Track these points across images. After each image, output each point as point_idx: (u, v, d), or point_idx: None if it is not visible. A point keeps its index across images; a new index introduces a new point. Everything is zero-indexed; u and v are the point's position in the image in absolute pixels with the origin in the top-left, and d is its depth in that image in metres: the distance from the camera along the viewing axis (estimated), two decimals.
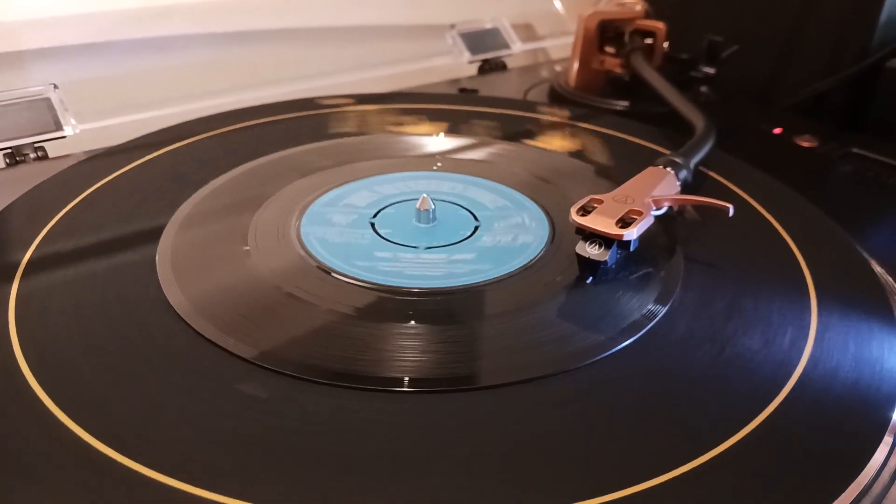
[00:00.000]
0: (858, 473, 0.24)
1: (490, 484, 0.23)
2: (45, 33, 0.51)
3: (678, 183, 0.37)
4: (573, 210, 0.33)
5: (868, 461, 0.24)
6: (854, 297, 0.32)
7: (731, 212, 0.34)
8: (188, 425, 0.25)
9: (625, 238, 0.31)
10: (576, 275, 0.33)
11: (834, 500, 0.23)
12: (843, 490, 0.23)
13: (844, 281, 0.34)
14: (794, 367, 0.28)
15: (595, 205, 0.33)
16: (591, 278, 0.33)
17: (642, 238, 0.33)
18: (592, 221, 0.32)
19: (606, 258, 0.32)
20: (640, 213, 0.33)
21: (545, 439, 0.25)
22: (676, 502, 0.22)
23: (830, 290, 0.33)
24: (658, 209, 0.34)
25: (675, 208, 0.36)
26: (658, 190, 0.35)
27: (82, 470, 0.23)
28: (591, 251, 0.32)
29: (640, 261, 0.34)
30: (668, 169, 0.37)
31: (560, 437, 0.25)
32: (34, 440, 0.24)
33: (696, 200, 0.35)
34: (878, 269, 0.35)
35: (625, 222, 0.32)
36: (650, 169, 0.38)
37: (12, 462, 0.23)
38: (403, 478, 0.23)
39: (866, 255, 0.36)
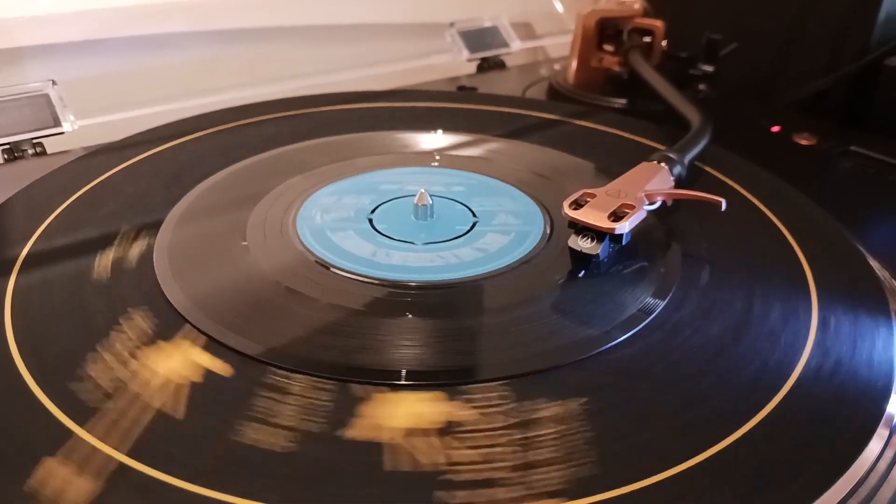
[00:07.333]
0: (852, 464, 0.24)
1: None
2: (43, 30, 0.52)
3: (672, 178, 0.37)
4: (565, 204, 0.33)
5: (861, 452, 0.24)
6: (852, 290, 0.32)
7: (724, 206, 0.34)
8: (187, 419, 0.25)
9: (616, 232, 0.31)
10: (572, 270, 0.33)
11: (828, 488, 0.23)
12: (837, 479, 0.23)
13: (843, 275, 0.34)
14: (795, 361, 0.28)
15: (588, 199, 0.33)
16: (583, 272, 0.33)
17: (640, 233, 0.33)
18: (584, 215, 0.32)
19: (598, 252, 0.32)
20: (632, 207, 0.33)
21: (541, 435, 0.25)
22: (671, 498, 0.22)
23: (829, 284, 0.32)
24: (651, 203, 0.34)
25: (669, 203, 0.36)
26: (651, 184, 0.35)
27: (77, 466, 0.23)
28: (583, 245, 0.32)
29: (637, 256, 0.34)
30: (662, 164, 0.37)
31: (557, 432, 0.25)
32: (29, 435, 0.24)
33: (688, 195, 0.35)
34: (874, 263, 0.35)
35: (617, 216, 0.32)
36: (644, 164, 0.38)
37: (5, 457, 0.23)
38: (403, 472, 0.23)
39: (861, 248, 0.36)
